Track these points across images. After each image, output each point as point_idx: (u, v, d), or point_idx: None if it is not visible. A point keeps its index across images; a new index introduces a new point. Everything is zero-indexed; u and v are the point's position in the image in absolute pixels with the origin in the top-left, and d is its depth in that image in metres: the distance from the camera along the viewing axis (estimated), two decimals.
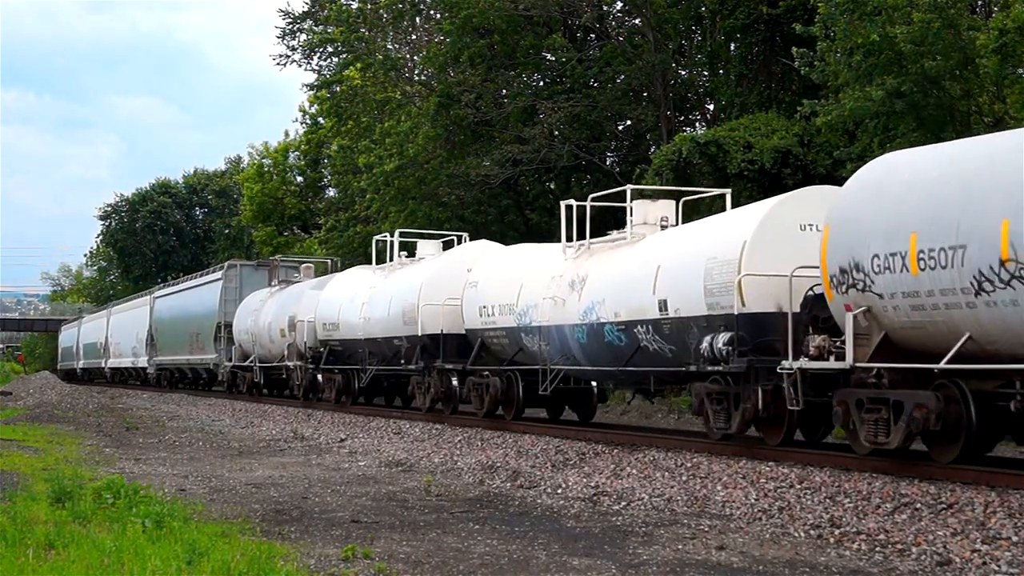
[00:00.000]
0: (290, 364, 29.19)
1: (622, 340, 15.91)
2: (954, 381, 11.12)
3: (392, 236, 25.85)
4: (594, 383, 19.43)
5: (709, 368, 13.86)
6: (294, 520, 10.93)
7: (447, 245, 24.27)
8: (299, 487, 13.64)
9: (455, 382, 21.28)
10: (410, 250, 26.12)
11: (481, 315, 20.18)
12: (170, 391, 45.26)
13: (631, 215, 17.10)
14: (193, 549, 8.25)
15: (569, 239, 18.47)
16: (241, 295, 36.98)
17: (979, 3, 23.33)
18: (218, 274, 39.65)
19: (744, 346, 13.27)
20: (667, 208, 17.18)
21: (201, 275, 44.76)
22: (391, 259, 25.68)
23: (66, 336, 77.40)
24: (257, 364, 33.05)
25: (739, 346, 13.29)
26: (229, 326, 36.28)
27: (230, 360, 36.07)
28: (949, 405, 11.14)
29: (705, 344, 13.77)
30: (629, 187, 17.78)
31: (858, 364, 11.75)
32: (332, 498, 12.61)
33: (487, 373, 20.14)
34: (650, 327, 15.17)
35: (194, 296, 42.52)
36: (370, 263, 29.29)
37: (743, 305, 13.25)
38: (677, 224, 17.01)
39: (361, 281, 26.22)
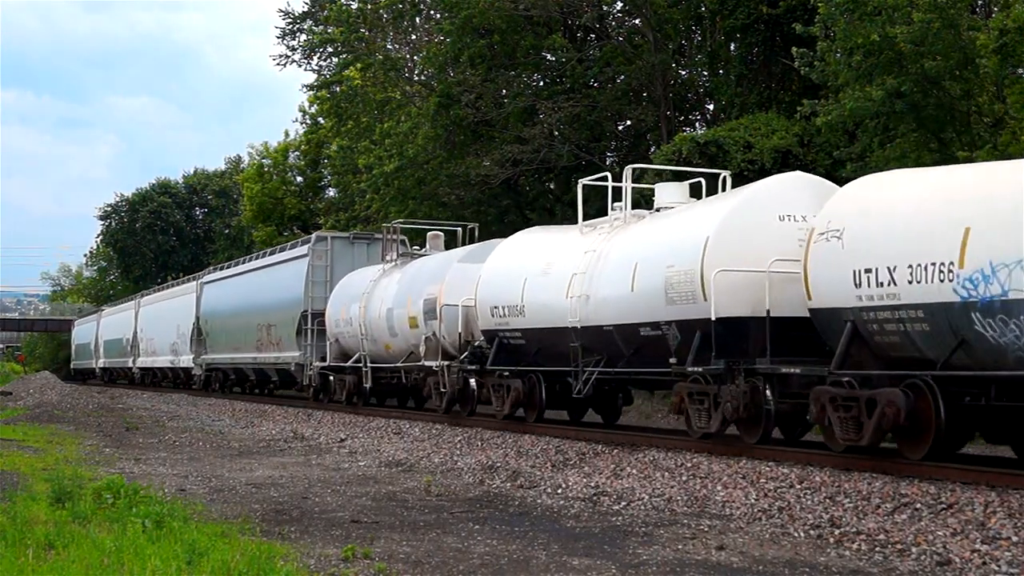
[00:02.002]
0: (432, 365, 21.35)
1: None
2: None
3: (624, 180, 17.19)
4: None
5: None
6: (294, 520, 10.93)
7: (694, 190, 17.00)
8: (299, 487, 13.65)
9: (768, 393, 13.69)
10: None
11: (859, 284, 12.17)
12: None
13: None
14: (193, 549, 8.25)
15: None
16: (332, 276, 28.91)
17: (979, 3, 23.33)
18: (303, 249, 30.36)
19: None
20: None
21: (272, 253, 35.01)
22: (613, 210, 17.59)
23: (82, 331, 70.57)
24: (368, 365, 24.97)
25: None
26: (318, 316, 28.09)
27: (322, 359, 27.67)
28: None
29: None
30: None
31: None
32: (332, 498, 12.62)
33: (850, 381, 12.37)
34: None
35: (265, 279, 33.45)
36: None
37: None
38: None
39: (559, 245, 18.29)
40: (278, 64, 42.74)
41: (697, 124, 35.27)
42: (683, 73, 35.09)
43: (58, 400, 38.02)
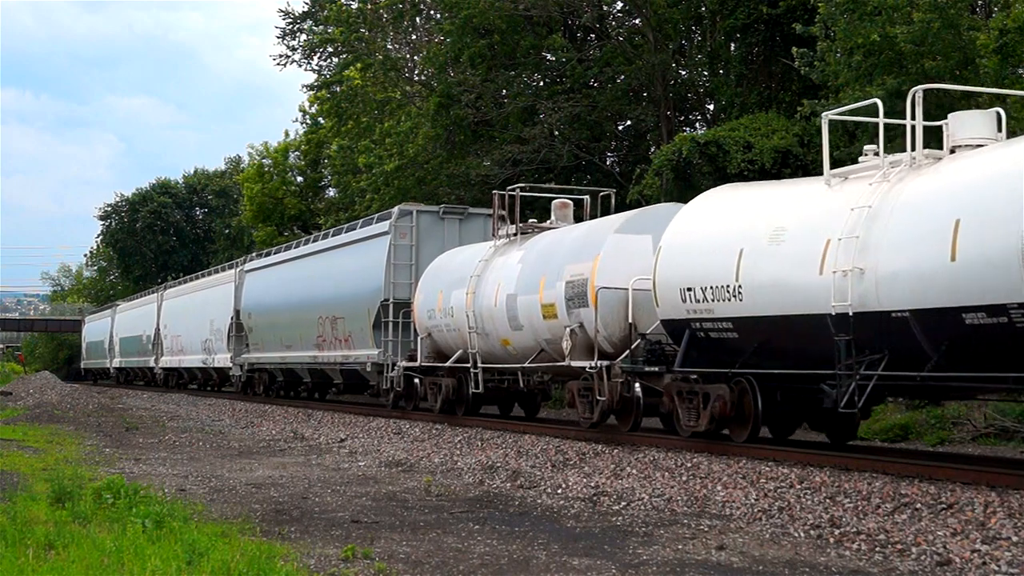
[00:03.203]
0: (585, 366, 16.35)
1: None
2: None
3: (909, 111, 12.71)
4: None
5: None
6: (294, 520, 10.93)
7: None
8: (299, 487, 13.65)
9: None
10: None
11: None
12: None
13: None
14: (193, 549, 8.25)
15: None
16: (418, 258, 23.97)
17: (979, 3, 23.35)
18: (382, 226, 24.84)
19: None
20: None
21: (337, 232, 29.19)
22: (865, 155, 13.33)
23: (94, 329, 66.30)
24: (479, 366, 19.95)
25: None
26: (402, 306, 23.47)
27: (410, 358, 22.61)
28: None
29: None
30: None
31: None
32: (332, 498, 12.62)
33: None
34: None
35: (330, 264, 28.13)
36: None
37: None
38: None
39: (793, 202, 13.66)
40: (278, 64, 42.78)
41: (697, 124, 35.31)
42: (683, 73, 35.11)
43: (58, 400, 38.02)
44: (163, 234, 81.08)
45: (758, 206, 14.11)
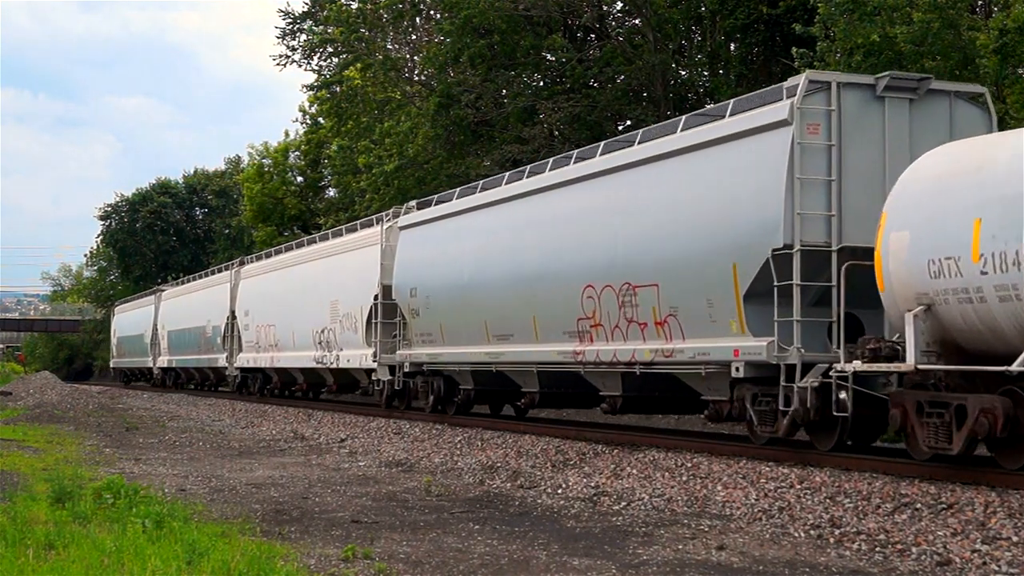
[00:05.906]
0: None
1: None
2: None
3: None
4: None
5: None
6: (294, 520, 10.93)
7: None
8: (299, 487, 13.65)
9: None
10: None
11: None
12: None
13: None
14: (193, 549, 8.25)
15: None
16: (841, 170, 13.08)
17: (979, 3, 23.35)
18: (774, 113, 13.36)
19: None
20: None
21: (622, 144, 17.03)
22: None
23: (127, 320, 55.92)
24: None
25: None
26: (817, 255, 12.90)
27: (874, 354, 11.77)
28: None
29: None
30: None
31: None
32: (332, 498, 12.62)
33: None
34: None
35: (616, 192, 16.42)
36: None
37: None
38: None
39: None
40: (278, 64, 42.71)
41: None
42: (683, 73, 35.11)
43: (58, 400, 38.03)
44: (163, 234, 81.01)
45: None
